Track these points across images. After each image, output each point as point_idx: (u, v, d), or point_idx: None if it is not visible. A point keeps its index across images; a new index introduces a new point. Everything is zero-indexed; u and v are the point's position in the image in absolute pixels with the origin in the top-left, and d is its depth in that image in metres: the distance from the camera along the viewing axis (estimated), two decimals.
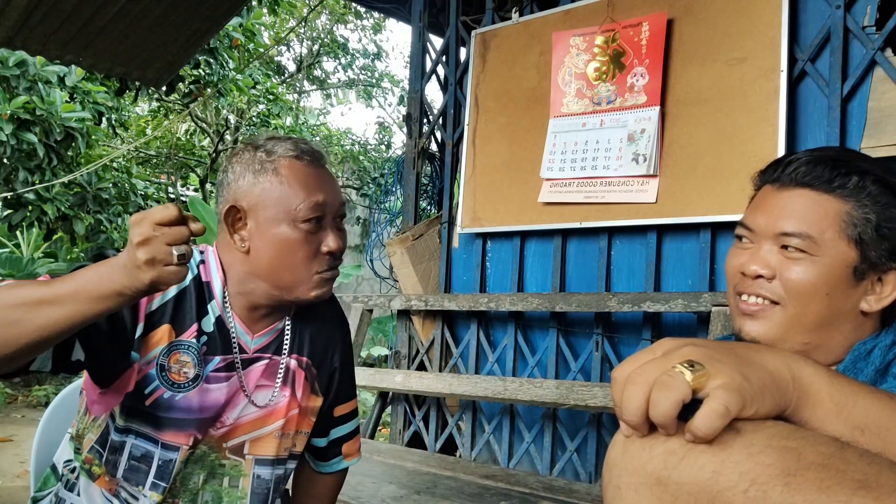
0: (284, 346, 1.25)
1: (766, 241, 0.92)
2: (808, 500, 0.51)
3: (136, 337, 1.09)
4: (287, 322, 1.26)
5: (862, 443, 0.61)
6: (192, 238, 0.86)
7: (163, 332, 1.11)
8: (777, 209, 0.92)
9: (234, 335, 1.18)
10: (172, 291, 1.13)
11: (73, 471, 1.19)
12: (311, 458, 1.42)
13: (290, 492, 1.44)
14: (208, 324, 1.16)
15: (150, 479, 1.13)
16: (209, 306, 1.17)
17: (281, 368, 1.24)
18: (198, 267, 1.18)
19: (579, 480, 2.61)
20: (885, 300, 0.90)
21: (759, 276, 0.91)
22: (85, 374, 1.17)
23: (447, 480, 2.28)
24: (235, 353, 1.18)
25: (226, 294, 1.18)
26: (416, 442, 3.24)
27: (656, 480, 0.57)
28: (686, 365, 0.56)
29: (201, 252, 1.22)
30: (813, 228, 0.88)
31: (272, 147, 1.15)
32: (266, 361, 1.23)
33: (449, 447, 3.15)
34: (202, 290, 1.17)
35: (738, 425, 0.57)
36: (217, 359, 1.16)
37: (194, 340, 1.14)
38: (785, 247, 0.90)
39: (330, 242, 1.15)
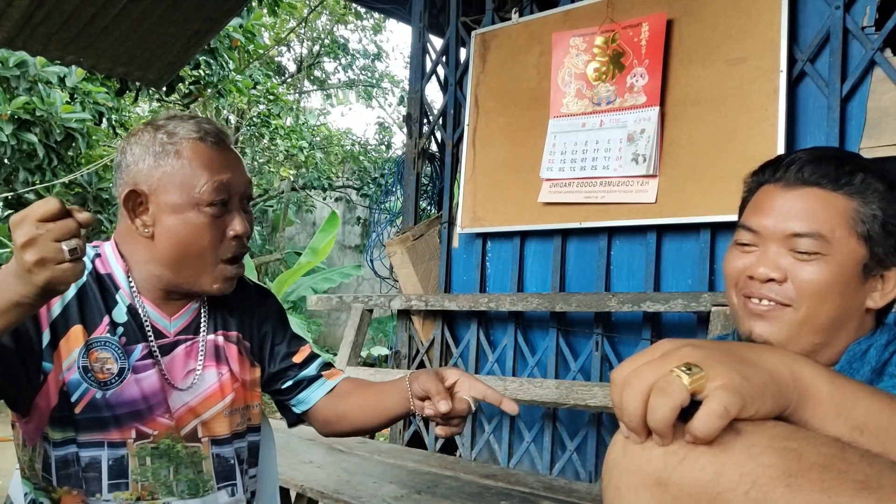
0: (202, 325, 1.22)
1: (773, 243, 0.90)
2: (809, 501, 0.52)
3: (45, 346, 1.04)
4: (202, 300, 1.23)
5: (861, 443, 0.61)
6: (81, 229, 0.81)
7: (75, 334, 1.07)
8: (784, 210, 0.90)
9: (147, 321, 1.15)
10: (72, 292, 1.09)
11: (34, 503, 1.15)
12: (299, 403, 1.33)
13: (341, 422, 1.32)
14: (120, 314, 1.12)
15: (106, 482, 1.09)
16: (118, 296, 1.13)
17: (202, 348, 1.20)
18: (92, 262, 1.14)
19: (579, 480, 2.61)
20: (888, 296, 0.90)
21: (770, 280, 0.89)
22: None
23: (448, 480, 2.28)
24: (151, 339, 1.15)
25: (131, 281, 1.14)
26: (417, 442, 3.25)
27: (656, 481, 0.57)
28: (683, 368, 0.55)
29: (95, 247, 1.18)
30: (824, 227, 0.87)
31: (174, 128, 1.11)
32: (188, 343, 1.20)
33: (449, 447, 3.16)
34: (104, 283, 1.13)
35: (739, 426, 0.57)
36: (139, 346, 1.13)
37: (108, 335, 1.10)
38: (795, 248, 0.88)
39: (237, 226, 1.12)
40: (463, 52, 3.35)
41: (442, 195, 3.42)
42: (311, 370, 1.34)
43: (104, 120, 5.96)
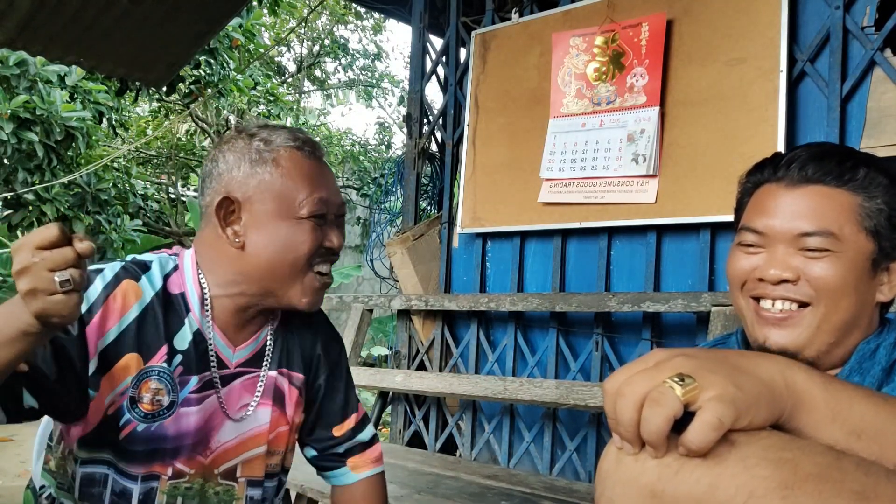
0: (266, 358, 1.16)
1: (780, 244, 0.88)
2: None
3: (91, 373, 0.98)
4: (269, 332, 1.17)
5: (858, 448, 0.60)
6: (81, 260, 0.75)
7: (128, 362, 1.01)
8: (791, 210, 0.88)
9: (212, 350, 1.09)
10: (133, 314, 1.02)
11: (51, 500, 1.12)
12: (324, 474, 1.31)
13: None
14: (183, 341, 1.06)
15: None
16: (186, 320, 1.07)
17: (261, 383, 1.15)
18: (166, 278, 1.07)
19: (579, 480, 2.61)
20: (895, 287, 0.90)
21: (784, 281, 0.87)
22: None
23: (448, 480, 2.28)
24: (214, 369, 1.09)
25: (206, 302, 1.08)
26: (417, 442, 3.25)
27: (651, 494, 0.56)
28: (676, 379, 0.55)
29: (173, 255, 1.11)
30: (833, 225, 0.85)
31: (269, 136, 1.07)
32: (248, 376, 1.14)
33: (449, 447, 3.16)
34: (172, 305, 1.06)
35: (733, 437, 0.56)
36: (195, 379, 1.07)
37: (165, 364, 1.04)
38: (804, 247, 0.87)
39: (333, 238, 1.08)
40: (463, 52, 3.35)
41: (442, 195, 3.42)
42: (340, 448, 1.27)
43: (104, 119, 5.95)
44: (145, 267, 1.07)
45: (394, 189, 4.17)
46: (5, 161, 5.24)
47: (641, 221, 2.57)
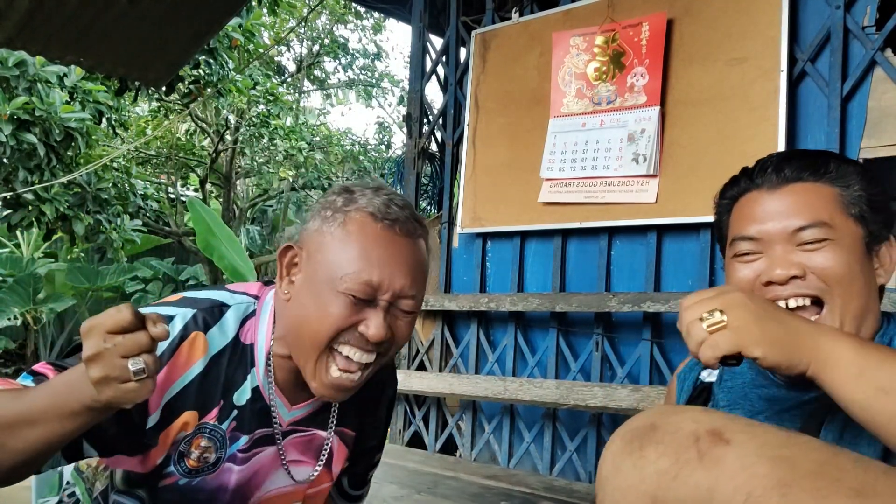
0: (331, 421, 1.08)
1: (777, 244, 0.89)
2: None
3: (150, 427, 0.93)
4: None
5: (884, 403, 0.66)
6: (155, 342, 0.73)
7: (187, 419, 0.95)
8: (780, 210, 0.90)
9: (274, 408, 1.01)
10: (197, 369, 0.95)
11: (72, 497, 1.09)
12: (337, 498, 1.28)
13: None
14: (241, 397, 0.99)
15: None
16: (248, 375, 0.99)
17: (326, 447, 1.08)
18: (241, 325, 0.99)
19: (579, 480, 2.61)
20: (892, 268, 0.91)
21: (793, 278, 0.87)
22: None
23: (448, 480, 2.28)
24: (276, 425, 1.02)
25: (270, 358, 1.00)
26: (416, 442, 3.24)
27: (651, 500, 0.56)
28: (708, 315, 0.72)
29: (255, 297, 1.03)
30: (823, 215, 0.87)
31: (356, 196, 0.96)
32: (303, 435, 1.07)
33: (449, 447, 3.15)
34: (240, 356, 0.99)
35: (728, 436, 0.57)
36: (244, 438, 1.00)
37: (217, 421, 0.97)
38: (801, 242, 0.88)
39: (370, 326, 0.91)
40: (463, 51, 3.35)
41: (442, 195, 3.42)
42: (363, 490, 1.27)
43: (104, 119, 5.95)
44: (220, 313, 0.99)
45: (394, 189, 4.17)
46: (5, 161, 5.24)
47: (642, 221, 2.57)
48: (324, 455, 1.09)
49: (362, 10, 10.19)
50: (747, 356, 0.72)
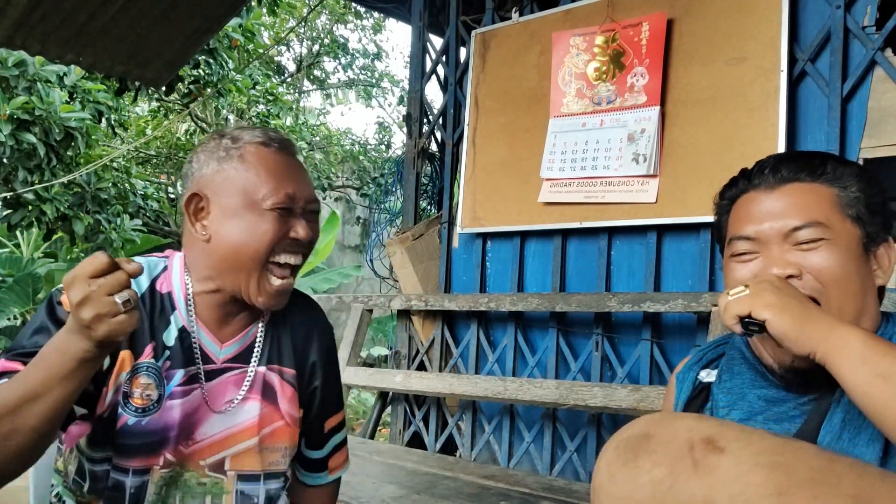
0: (255, 355, 1.18)
1: (773, 244, 0.90)
2: None
3: (105, 369, 1.04)
4: (260, 328, 1.19)
5: (882, 388, 0.69)
6: (131, 279, 0.83)
7: (122, 359, 1.06)
8: (777, 210, 0.90)
9: (196, 345, 1.12)
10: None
11: (59, 498, 1.15)
12: (298, 468, 1.33)
13: None
14: (169, 337, 1.10)
15: None
16: (172, 318, 1.11)
17: (248, 379, 1.16)
18: (154, 279, 1.12)
19: (579, 480, 2.60)
20: (890, 269, 0.91)
21: (789, 278, 0.88)
22: None
23: (447, 480, 2.28)
24: (198, 363, 1.12)
25: (190, 301, 1.12)
26: (416, 442, 3.24)
27: None
28: (737, 290, 0.83)
29: (164, 257, 1.16)
30: (819, 215, 0.88)
31: (238, 134, 1.11)
32: (236, 371, 1.16)
33: (449, 447, 3.15)
34: (160, 304, 1.11)
35: (723, 444, 0.56)
36: (180, 372, 1.10)
37: (152, 360, 1.08)
38: (798, 241, 0.88)
39: (299, 230, 1.08)
40: (463, 51, 3.35)
41: (442, 195, 3.42)
42: (323, 451, 1.31)
43: (103, 119, 5.94)
44: None
45: (394, 189, 4.17)
46: (4, 161, 5.23)
47: (641, 221, 2.57)
48: (245, 384, 1.16)
49: (362, 9, 10.19)
50: (756, 318, 0.78)
